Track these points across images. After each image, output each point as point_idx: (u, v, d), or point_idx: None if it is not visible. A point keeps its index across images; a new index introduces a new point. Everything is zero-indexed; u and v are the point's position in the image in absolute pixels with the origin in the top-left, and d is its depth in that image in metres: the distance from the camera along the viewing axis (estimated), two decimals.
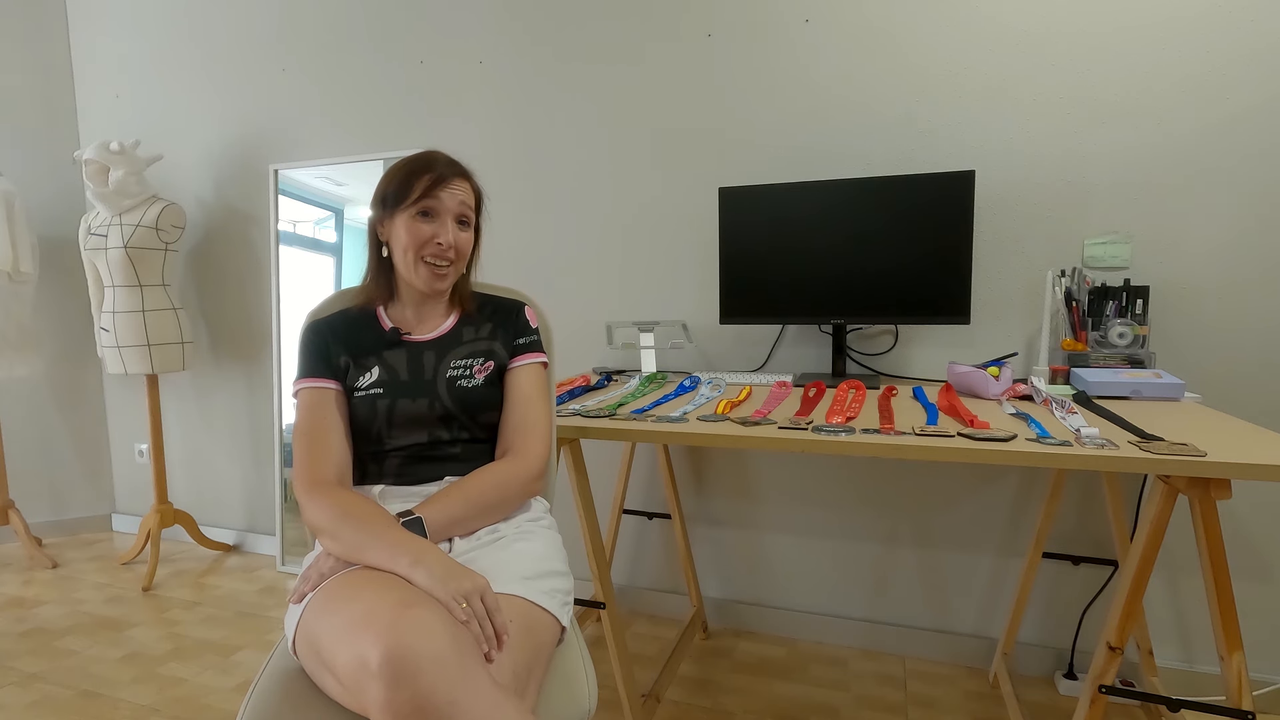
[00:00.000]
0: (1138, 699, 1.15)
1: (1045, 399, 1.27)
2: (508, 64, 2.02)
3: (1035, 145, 1.58)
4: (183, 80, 2.47)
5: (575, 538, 2.06)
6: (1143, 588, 0.96)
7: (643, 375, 1.69)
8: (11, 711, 1.57)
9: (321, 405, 0.99)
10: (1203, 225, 1.49)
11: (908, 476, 1.76)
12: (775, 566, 1.91)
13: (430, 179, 1.01)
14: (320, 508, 0.89)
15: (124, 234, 2.19)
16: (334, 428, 0.99)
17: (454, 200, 1.03)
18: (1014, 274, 1.63)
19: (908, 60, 1.65)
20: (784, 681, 1.68)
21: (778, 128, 1.78)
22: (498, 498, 0.98)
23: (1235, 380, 1.51)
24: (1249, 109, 1.44)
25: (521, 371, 1.08)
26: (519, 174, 2.05)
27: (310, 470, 0.94)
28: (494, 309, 1.14)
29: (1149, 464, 0.89)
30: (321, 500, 0.90)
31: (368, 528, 0.85)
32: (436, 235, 1.02)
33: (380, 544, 0.83)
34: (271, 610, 2.10)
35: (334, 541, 0.86)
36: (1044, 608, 1.69)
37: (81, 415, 2.77)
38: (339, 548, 0.86)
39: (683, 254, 1.90)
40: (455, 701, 0.67)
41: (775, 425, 1.13)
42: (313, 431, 0.97)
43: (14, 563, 2.48)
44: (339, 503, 0.89)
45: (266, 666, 0.88)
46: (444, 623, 0.72)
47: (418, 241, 1.01)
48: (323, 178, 2.29)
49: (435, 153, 1.06)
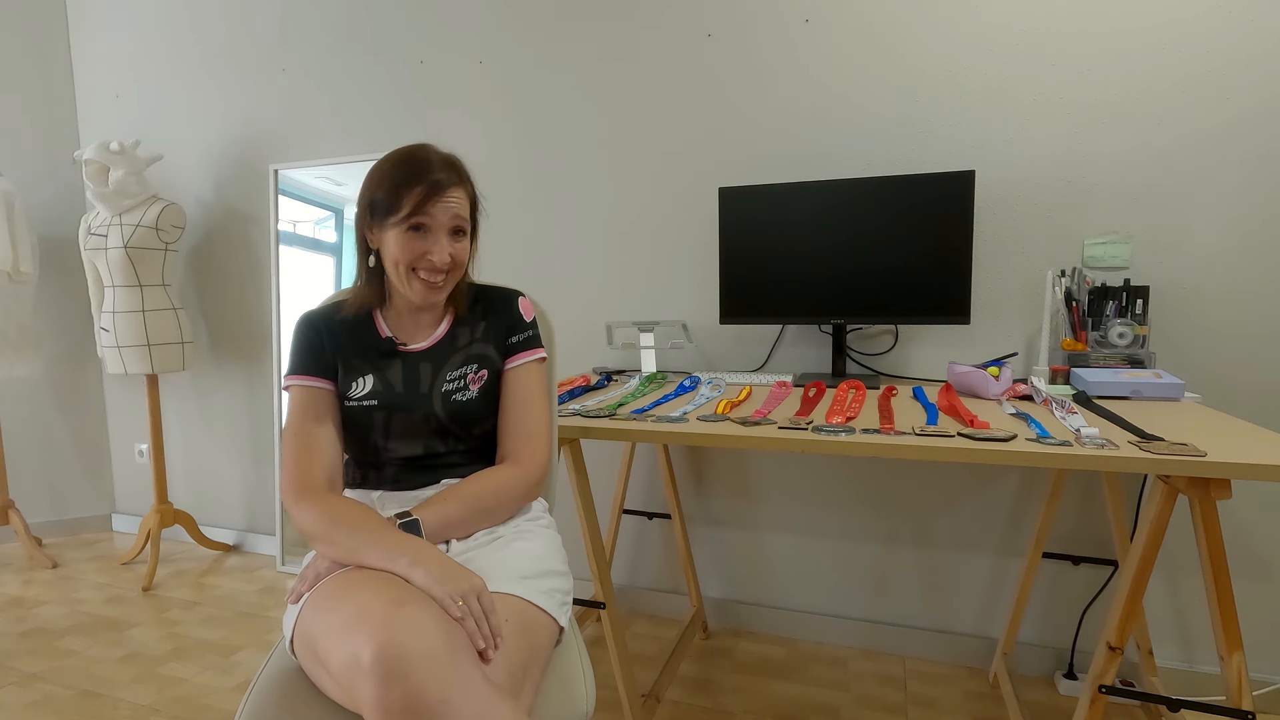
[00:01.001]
0: (1138, 699, 1.15)
1: (1045, 399, 1.27)
2: (508, 64, 2.02)
3: (1035, 145, 1.58)
4: (183, 80, 2.47)
5: (575, 538, 2.06)
6: (1143, 588, 0.96)
7: (643, 375, 1.69)
8: (11, 711, 1.57)
9: (311, 405, 0.97)
10: (1203, 225, 1.49)
11: (908, 476, 1.76)
12: (775, 566, 1.91)
13: (421, 192, 0.94)
14: (310, 515, 0.88)
15: (124, 234, 2.19)
16: (324, 430, 0.97)
17: (447, 214, 0.96)
18: (1014, 274, 1.63)
19: (908, 60, 1.65)
20: (784, 681, 1.68)
21: (778, 127, 1.78)
22: (496, 503, 0.98)
23: (1235, 380, 1.51)
24: (1248, 110, 1.44)
25: (517, 372, 1.05)
26: (519, 174, 2.05)
27: (298, 476, 0.92)
28: (487, 304, 1.09)
29: (1149, 464, 0.89)
30: (310, 507, 0.89)
31: (361, 532, 0.84)
32: (429, 252, 0.96)
33: (376, 547, 0.82)
34: (271, 610, 2.10)
35: (329, 547, 0.86)
36: (1044, 608, 1.69)
37: (81, 415, 2.77)
38: (335, 552, 0.85)
39: (683, 254, 1.90)
40: (447, 700, 0.67)
41: (775, 425, 1.13)
42: (301, 435, 0.95)
43: (14, 563, 2.48)
44: (329, 509, 0.88)
45: (265, 666, 0.88)
46: (437, 621, 0.72)
47: (410, 257, 0.96)
48: (323, 178, 2.29)
49: (425, 154, 0.97)
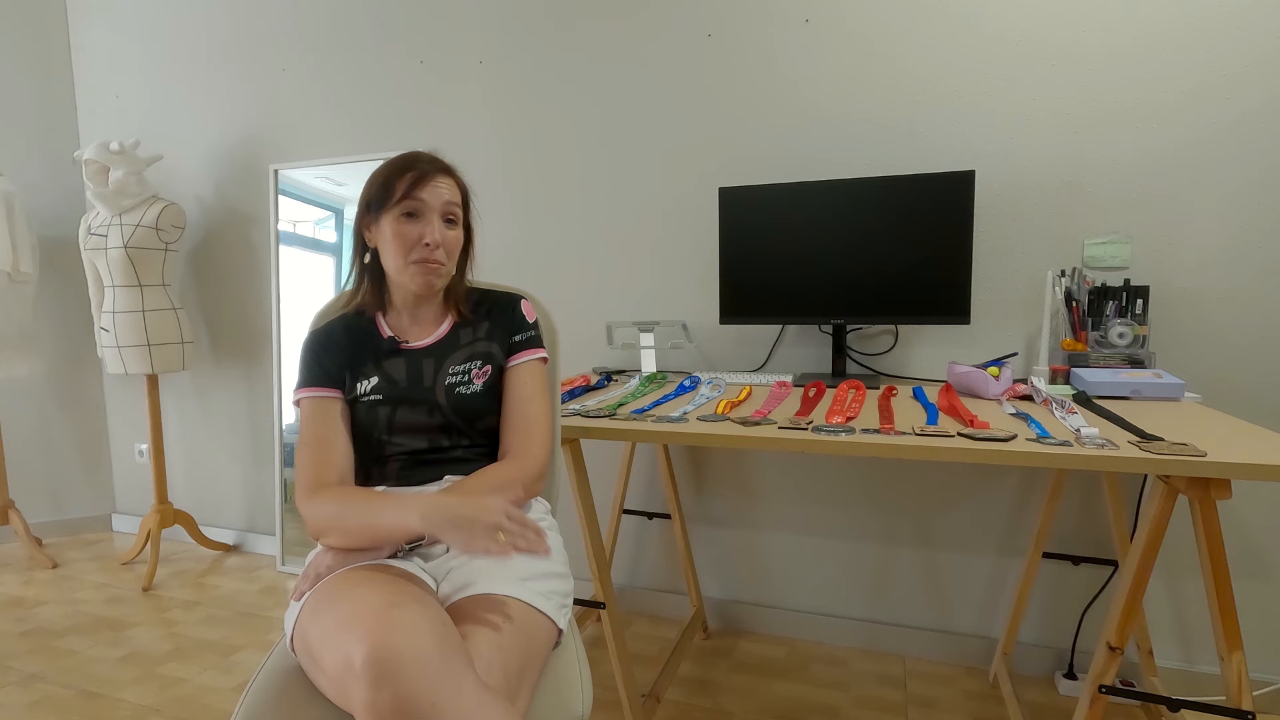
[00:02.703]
0: (1138, 699, 1.15)
1: (1045, 399, 1.27)
2: (508, 64, 2.02)
3: (1035, 146, 1.58)
4: (183, 80, 2.47)
5: (575, 538, 2.06)
6: (1143, 588, 0.96)
7: (643, 375, 1.69)
8: (11, 711, 1.57)
9: (322, 413, 0.99)
10: (1203, 226, 1.49)
11: (908, 476, 1.76)
12: (775, 566, 1.91)
13: (412, 177, 0.99)
14: (323, 505, 0.90)
15: (124, 234, 2.19)
16: (336, 435, 0.99)
17: (438, 198, 1.00)
18: (1014, 274, 1.63)
19: (908, 60, 1.65)
20: (784, 681, 1.68)
21: (778, 128, 1.78)
22: None
23: (1235, 380, 1.51)
24: (1249, 111, 1.44)
25: (519, 370, 1.07)
26: (519, 174, 2.05)
27: (311, 478, 0.94)
28: (490, 306, 1.11)
29: (1149, 464, 0.89)
30: (323, 500, 0.91)
31: (371, 505, 0.87)
32: (423, 235, 0.99)
33: (387, 512, 0.85)
34: (271, 610, 2.10)
35: (340, 533, 0.88)
36: (1044, 608, 1.69)
37: (81, 415, 2.77)
38: (348, 539, 0.87)
39: (683, 254, 1.90)
40: (437, 702, 0.67)
41: (775, 425, 1.13)
42: (315, 441, 0.97)
43: (14, 563, 2.48)
44: (340, 495, 0.91)
45: (264, 664, 0.88)
46: (430, 623, 0.72)
47: (405, 243, 0.99)
48: (323, 178, 2.29)
49: (416, 152, 1.03)
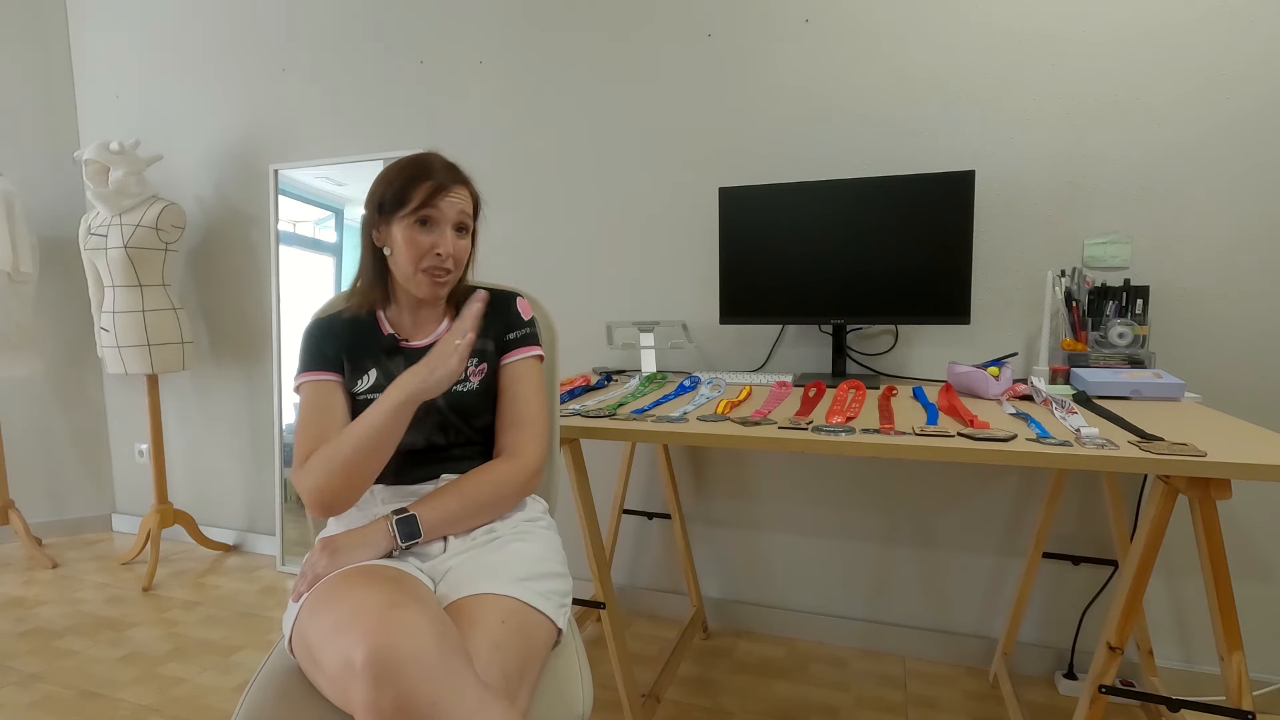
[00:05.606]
0: (1138, 699, 1.15)
1: (1045, 399, 1.27)
2: (508, 63, 2.02)
3: (1036, 145, 1.58)
4: (183, 80, 2.47)
5: (575, 538, 2.05)
6: (1143, 588, 0.96)
7: (643, 375, 1.69)
8: (11, 711, 1.57)
9: (320, 396, 1.00)
10: (1203, 226, 1.49)
11: (908, 476, 1.76)
12: (775, 566, 1.91)
13: (430, 187, 0.98)
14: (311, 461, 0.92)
15: (124, 234, 2.19)
16: (335, 414, 0.99)
17: (453, 209, 1.00)
18: (1014, 274, 1.62)
19: (908, 60, 1.65)
20: (784, 681, 1.68)
21: (778, 127, 1.78)
22: (494, 496, 0.98)
23: (1235, 380, 1.50)
24: (1249, 111, 1.44)
25: (514, 367, 1.07)
26: (519, 173, 2.05)
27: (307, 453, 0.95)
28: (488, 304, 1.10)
29: (1149, 464, 0.89)
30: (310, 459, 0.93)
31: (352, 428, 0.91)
32: (436, 245, 0.99)
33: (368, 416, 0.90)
34: (271, 610, 2.10)
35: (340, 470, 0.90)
36: (1044, 608, 1.69)
37: (81, 415, 2.77)
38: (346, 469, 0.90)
39: (683, 254, 1.90)
40: (437, 702, 0.67)
41: (775, 425, 1.13)
42: (313, 422, 0.98)
43: (14, 563, 2.48)
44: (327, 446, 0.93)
45: (264, 665, 0.88)
46: (430, 622, 0.72)
47: (417, 251, 0.99)
48: (323, 178, 2.29)
49: (433, 156, 1.02)
